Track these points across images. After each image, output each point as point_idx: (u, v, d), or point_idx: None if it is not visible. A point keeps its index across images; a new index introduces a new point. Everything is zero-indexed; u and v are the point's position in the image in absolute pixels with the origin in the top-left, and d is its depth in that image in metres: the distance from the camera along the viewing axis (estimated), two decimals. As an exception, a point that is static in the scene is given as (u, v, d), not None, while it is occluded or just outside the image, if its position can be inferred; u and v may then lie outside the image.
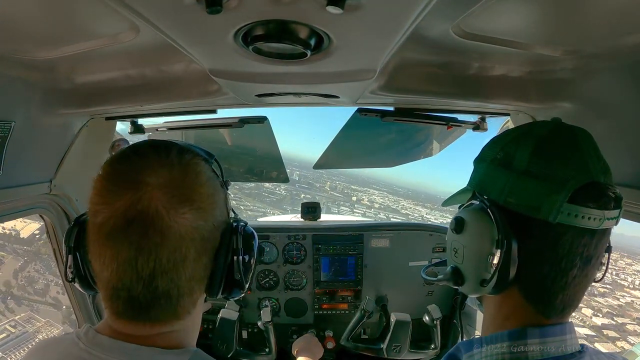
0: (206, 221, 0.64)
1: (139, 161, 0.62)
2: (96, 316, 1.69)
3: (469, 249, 0.74)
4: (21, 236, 20.77)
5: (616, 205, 0.65)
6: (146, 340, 0.63)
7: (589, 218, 0.63)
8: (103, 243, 0.60)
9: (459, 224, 0.75)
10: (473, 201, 0.75)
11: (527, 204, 0.66)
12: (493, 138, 0.79)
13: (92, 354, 0.61)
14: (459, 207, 0.80)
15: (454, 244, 0.77)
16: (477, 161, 0.78)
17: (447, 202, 0.91)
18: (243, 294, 0.76)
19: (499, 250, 0.68)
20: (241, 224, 0.73)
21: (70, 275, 0.75)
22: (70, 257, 0.74)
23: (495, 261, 0.68)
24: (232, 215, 0.76)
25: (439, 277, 0.82)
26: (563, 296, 0.67)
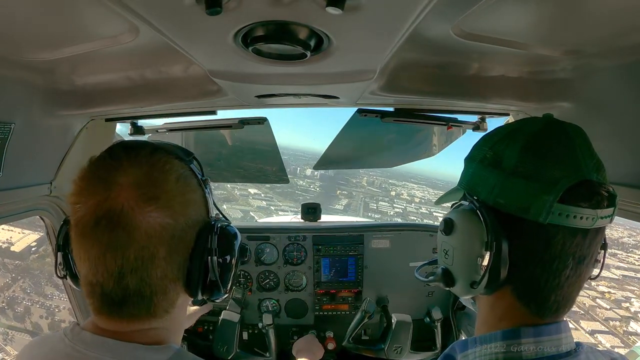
0: (176, 220, 0.64)
1: (112, 162, 0.64)
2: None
3: (458, 250, 0.72)
4: (12, 249, 18.84)
5: (610, 203, 0.63)
6: (125, 336, 0.64)
7: (581, 217, 0.61)
8: (79, 240, 0.62)
9: (447, 226, 0.73)
10: (463, 202, 0.74)
11: (517, 205, 0.65)
12: (483, 136, 0.77)
13: (76, 350, 0.63)
14: (451, 207, 0.79)
15: (444, 245, 0.76)
16: (467, 160, 0.76)
17: (439, 201, 0.90)
18: (226, 296, 0.75)
19: (488, 252, 0.66)
20: (221, 223, 0.72)
21: (60, 273, 0.78)
22: (60, 254, 0.77)
23: (485, 263, 0.67)
24: (213, 214, 0.75)
25: (430, 277, 0.81)
26: (556, 297, 0.66)
